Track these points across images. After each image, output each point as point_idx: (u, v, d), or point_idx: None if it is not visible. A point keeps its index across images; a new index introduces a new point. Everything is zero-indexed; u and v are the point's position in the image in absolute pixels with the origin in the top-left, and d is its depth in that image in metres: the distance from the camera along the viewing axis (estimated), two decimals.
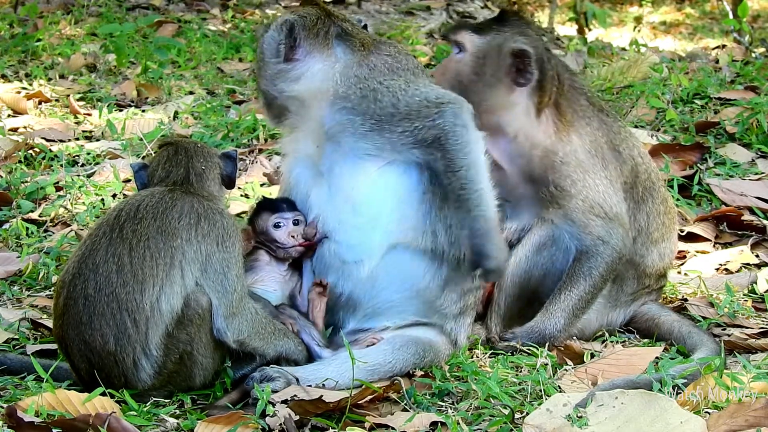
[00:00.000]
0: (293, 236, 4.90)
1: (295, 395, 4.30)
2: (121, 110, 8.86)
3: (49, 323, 5.00)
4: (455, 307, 4.97)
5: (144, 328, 4.34)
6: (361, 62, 4.92)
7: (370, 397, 4.35)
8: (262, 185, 7.11)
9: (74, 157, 7.55)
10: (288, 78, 4.92)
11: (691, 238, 6.47)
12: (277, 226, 4.92)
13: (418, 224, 4.85)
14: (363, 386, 4.40)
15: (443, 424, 4.21)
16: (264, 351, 4.58)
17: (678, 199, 6.81)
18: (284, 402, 4.27)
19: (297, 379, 4.47)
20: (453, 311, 4.97)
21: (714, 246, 6.45)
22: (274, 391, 4.35)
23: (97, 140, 8.08)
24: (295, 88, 4.92)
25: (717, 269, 6.16)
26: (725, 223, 6.60)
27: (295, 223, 4.93)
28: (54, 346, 4.72)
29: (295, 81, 4.92)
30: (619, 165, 5.34)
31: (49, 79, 9.80)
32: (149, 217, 4.43)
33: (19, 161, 7.44)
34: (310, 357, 4.76)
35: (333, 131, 4.87)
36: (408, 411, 4.38)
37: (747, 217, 6.63)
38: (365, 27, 5.13)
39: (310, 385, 4.48)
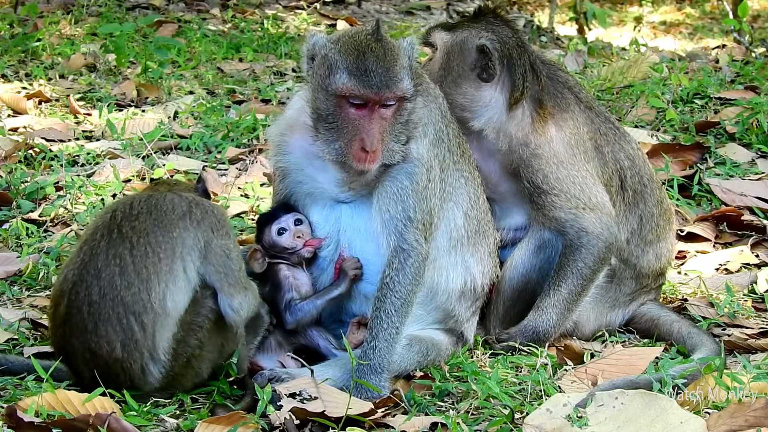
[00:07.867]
0: (299, 236, 4.85)
1: (304, 389, 4.30)
2: (121, 110, 8.85)
3: None
4: (468, 312, 5.01)
5: (152, 331, 4.30)
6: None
7: (369, 407, 4.31)
8: (262, 185, 7.10)
9: (74, 157, 7.54)
10: None
11: (691, 238, 6.47)
12: (280, 232, 4.85)
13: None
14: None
15: (443, 424, 4.21)
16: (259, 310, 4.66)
17: (678, 199, 6.81)
18: (292, 396, 4.26)
19: (312, 371, 4.47)
20: (466, 316, 5.00)
21: (714, 246, 6.45)
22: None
23: (97, 140, 8.07)
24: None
25: (717, 269, 6.16)
26: (725, 223, 6.59)
27: (297, 222, 4.87)
28: None
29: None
30: (601, 165, 5.31)
31: (49, 79, 9.79)
32: (144, 211, 4.42)
33: (19, 161, 7.43)
34: None
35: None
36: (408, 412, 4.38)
37: (747, 217, 6.63)
38: (377, 25, 4.70)
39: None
